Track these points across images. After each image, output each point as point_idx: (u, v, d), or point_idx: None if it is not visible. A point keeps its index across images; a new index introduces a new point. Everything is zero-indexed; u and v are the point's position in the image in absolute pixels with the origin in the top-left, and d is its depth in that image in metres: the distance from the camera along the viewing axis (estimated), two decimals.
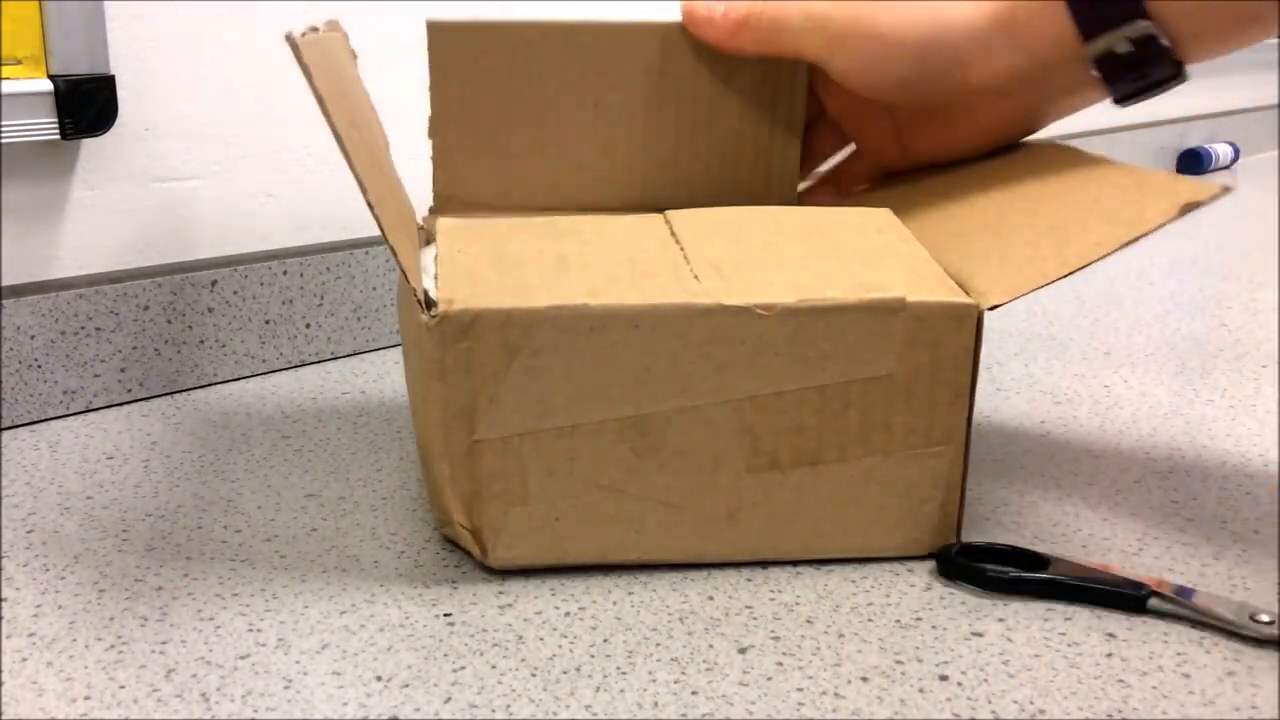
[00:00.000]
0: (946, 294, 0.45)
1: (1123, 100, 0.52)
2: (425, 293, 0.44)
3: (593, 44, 0.55)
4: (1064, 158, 0.54)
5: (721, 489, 0.46)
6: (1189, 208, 0.46)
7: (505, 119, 0.56)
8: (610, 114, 0.56)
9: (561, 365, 0.43)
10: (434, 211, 0.56)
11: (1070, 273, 0.45)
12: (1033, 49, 0.51)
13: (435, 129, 0.55)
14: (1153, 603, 0.43)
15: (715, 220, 0.51)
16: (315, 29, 0.49)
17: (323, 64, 0.45)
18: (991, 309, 0.45)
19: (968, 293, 0.46)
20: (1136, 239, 0.46)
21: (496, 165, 0.56)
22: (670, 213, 0.52)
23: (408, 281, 0.44)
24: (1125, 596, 0.43)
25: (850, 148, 0.61)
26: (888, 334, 0.44)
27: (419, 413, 0.49)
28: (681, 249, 0.48)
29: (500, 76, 0.55)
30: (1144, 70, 0.50)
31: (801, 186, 0.60)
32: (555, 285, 0.44)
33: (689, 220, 0.51)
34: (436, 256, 0.47)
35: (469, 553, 0.46)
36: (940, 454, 0.46)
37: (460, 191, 0.56)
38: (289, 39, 0.43)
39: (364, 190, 0.43)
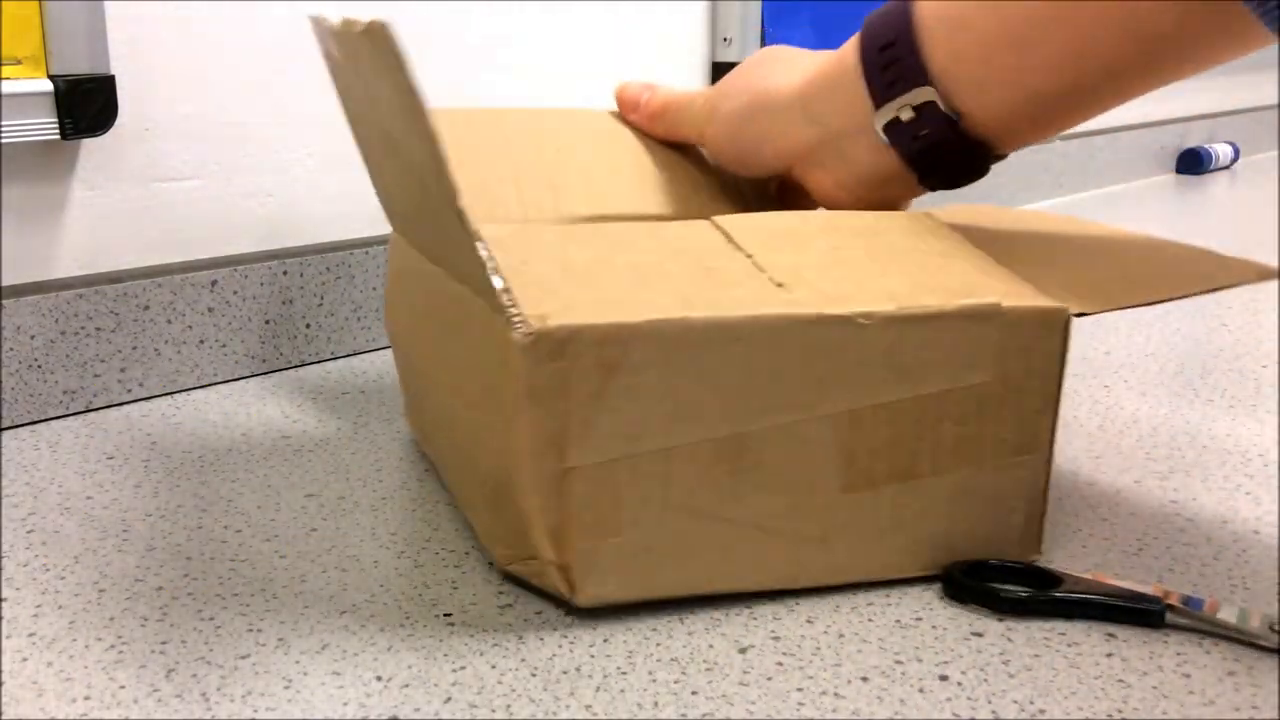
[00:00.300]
0: (1036, 299, 0.44)
1: (928, 181, 0.53)
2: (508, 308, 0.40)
3: (550, 118, 0.61)
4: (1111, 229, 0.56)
5: (816, 509, 0.43)
6: (1266, 275, 0.47)
7: (482, 157, 0.57)
8: (574, 156, 0.59)
9: (660, 384, 0.40)
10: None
11: (1155, 302, 0.46)
12: (828, 121, 0.53)
13: None
14: (1170, 618, 0.42)
15: (770, 226, 0.50)
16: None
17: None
18: (1078, 315, 0.44)
19: None
20: (1217, 289, 0.47)
21: (472, 187, 0.54)
22: (718, 219, 0.51)
23: (490, 296, 0.40)
24: (1142, 613, 0.42)
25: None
26: (984, 341, 0.43)
27: (481, 441, 0.45)
28: (749, 257, 0.46)
29: (469, 142, 0.57)
30: (934, 143, 0.51)
31: None
32: (645, 298, 0.42)
33: (743, 226, 0.49)
34: (497, 268, 0.41)
35: (546, 592, 0.44)
36: (1026, 463, 0.45)
37: None
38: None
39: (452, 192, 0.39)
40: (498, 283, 0.40)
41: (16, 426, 0.62)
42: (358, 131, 0.52)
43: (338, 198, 0.75)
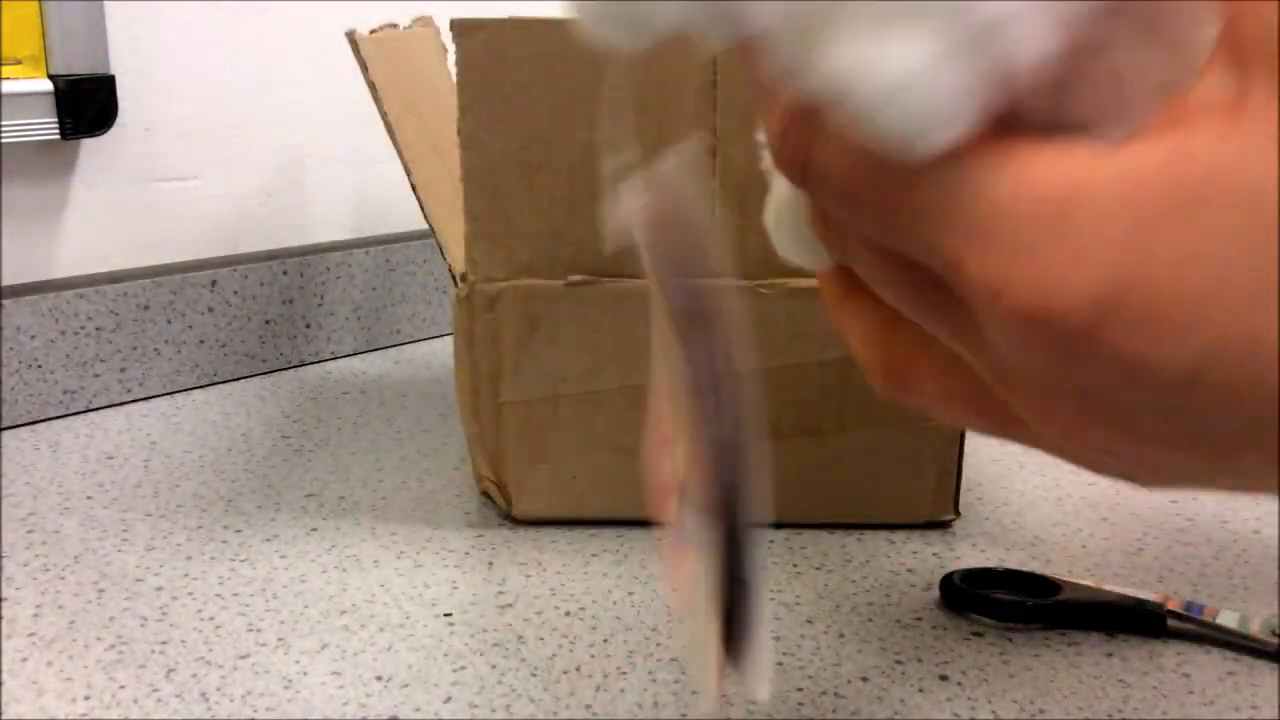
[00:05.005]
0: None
1: None
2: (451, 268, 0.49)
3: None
4: None
5: None
6: None
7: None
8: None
9: (578, 336, 0.47)
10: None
11: None
12: None
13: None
14: (1170, 624, 0.42)
15: None
16: (394, 25, 0.55)
17: (381, 58, 0.50)
18: None
19: None
20: None
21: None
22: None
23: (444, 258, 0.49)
24: (1143, 620, 0.42)
25: None
26: None
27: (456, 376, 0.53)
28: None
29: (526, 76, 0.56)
30: None
31: None
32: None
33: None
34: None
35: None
36: (936, 428, 0.48)
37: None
38: (348, 36, 0.49)
39: (408, 173, 0.48)
40: (447, 248, 0.48)
41: (16, 426, 0.62)
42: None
43: (338, 198, 0.75)
